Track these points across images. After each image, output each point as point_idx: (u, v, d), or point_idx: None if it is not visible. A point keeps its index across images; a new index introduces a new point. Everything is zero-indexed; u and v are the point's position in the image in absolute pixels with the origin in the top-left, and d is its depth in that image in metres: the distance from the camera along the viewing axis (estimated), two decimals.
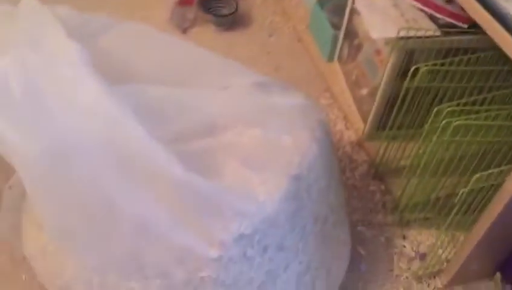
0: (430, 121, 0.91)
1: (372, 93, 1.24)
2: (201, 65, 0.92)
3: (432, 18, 1.13)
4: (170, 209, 0.68)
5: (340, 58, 1.45)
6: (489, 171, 0.80)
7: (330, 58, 1.47)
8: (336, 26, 1.43)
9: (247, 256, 0.72)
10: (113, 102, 0.65)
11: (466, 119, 0.87)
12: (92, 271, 0.70)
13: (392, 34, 1.06)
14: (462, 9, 1.13)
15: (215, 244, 0.69)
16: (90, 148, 0.64)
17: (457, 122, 0.85)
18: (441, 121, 0.87)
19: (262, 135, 0.81)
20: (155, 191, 0.67)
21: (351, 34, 1.36)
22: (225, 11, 1.55)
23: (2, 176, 1.08)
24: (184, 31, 1.51)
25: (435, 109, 0.89)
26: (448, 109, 0.88)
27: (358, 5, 1.19)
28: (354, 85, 1.36)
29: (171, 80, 0.86)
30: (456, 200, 0.84)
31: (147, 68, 0.87)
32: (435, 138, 0.88)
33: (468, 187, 0.81)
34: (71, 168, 0.65)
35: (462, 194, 0.82)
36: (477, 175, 0.80)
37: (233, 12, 1.54)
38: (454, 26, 1.10)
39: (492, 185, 0.85)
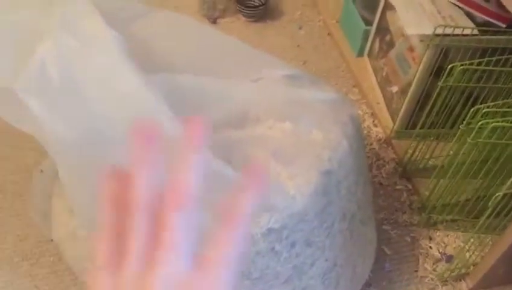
0: (466, 121, 0.88)
1: (403, 91, 1.22)
2: (233, 55, 0.91)
3: (469, 16, 1.10)
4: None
5: (370, 54, 1.43)
6: None
7: (360, 54, 1.45)
8: (367, 21, 1.41)
9: (274, 251, 0.71)
10: (149, 91, 0.65)
11: (503, 121, 0.85)
12: None
13: (428, 30, 1.04)
14: (501, 8, 1.11)
15: None
16: (125, 137, 0.64)
17: (495, 123, 0.82)
18: (478, 122, 0.85)
19: (292, 128, 0.80)
20: None
21: (382, 29, 1.33)
22: (255, 3, 1.54)
23: (34, 159, 1.09)
24: (214, 21, 1.51)
25: (472, 109, 0.87)
26: (486, 109, 0.86)
27: (393, 0, 1.17)
28: (384, 82, 1.34)
29: (203, 69, 0.86)
30: (489, 204, 0.82)
31: (179, 57, 0.87)
32: (470, 139, 0.85)
33: (503, 190, 0.79)
34: (105, 156, 0.65)
35: (497, 197, 0.80)
36: None
37: (263, 4, 1.53)
38: (492, 25, 1.07)
39: None
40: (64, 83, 0.62)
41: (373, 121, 1.32)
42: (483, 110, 0.87)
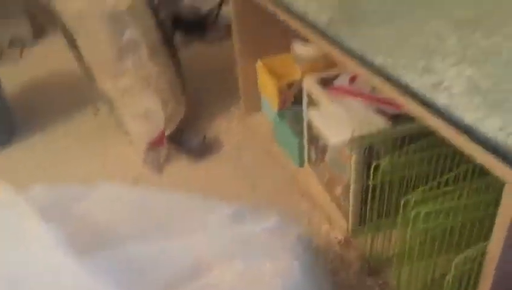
0: (400, 212, 0.94)
1: (347, 190, 1.28)
2: (177, 210, 0.96)
3: (381, 111, 1.21)
4: None
5: (309, 161, 1.51)
6: (465, 253, 0.82)
7: (301, 164, 1.53)
8: (300, 133, 1.51)
9: None
10: (94, 277, 0.68)
11: (434, 204, 0.91)
12: None
13: (347, 136, 1.13)
14: None
15: None
16: None
17: (425, 211, 0.88)
18: (411, 212, 0.90)
19: (243, 266, 0.84)
20: None
21: (314, 138, 1.43)
22: (194, 143, 1.63)
23: None
24: (159, 170, 1.58)
25: (402, 201, 0.93)
26: (415, 198, 0.92)
27: (312, 117, 1.27)
28: (328, 184, 1.40)
29: (151, 232, 0.90)
30: (444, 287, 0.85)
31: (126, 227, 0.91)
32: (409, 229, 0.91)
33: (452, 273, 0.82)
34: None
35: (449, 281, 0.84)
36: (456, 260, 0.82)
37: (202, 142, 1.62)
38: (403, 115, 1.18)
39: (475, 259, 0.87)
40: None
41: (330, 225, 1.36)
42: (414, 199, 0.93)
